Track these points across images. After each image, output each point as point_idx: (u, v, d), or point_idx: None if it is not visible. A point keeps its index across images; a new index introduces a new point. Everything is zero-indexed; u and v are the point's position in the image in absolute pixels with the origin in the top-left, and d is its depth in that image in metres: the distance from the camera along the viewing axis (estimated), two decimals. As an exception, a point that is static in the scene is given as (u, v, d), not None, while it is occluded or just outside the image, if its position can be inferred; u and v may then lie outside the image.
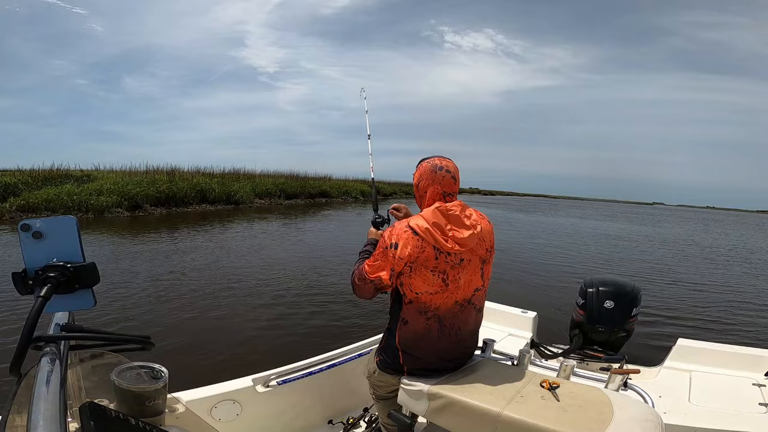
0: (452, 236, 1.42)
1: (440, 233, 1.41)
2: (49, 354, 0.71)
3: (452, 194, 1.51)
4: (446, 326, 1.50)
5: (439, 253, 1.41)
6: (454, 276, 1.44)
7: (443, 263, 1.42)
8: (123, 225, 12.56)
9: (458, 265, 1.44)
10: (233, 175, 22.98)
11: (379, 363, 1.61)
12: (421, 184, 1.53)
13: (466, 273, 1.47)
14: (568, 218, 28.71)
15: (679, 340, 2.65)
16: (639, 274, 8.91)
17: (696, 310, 6.47)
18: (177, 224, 13.00)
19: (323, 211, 20.46)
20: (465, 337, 1.57)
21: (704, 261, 12.07)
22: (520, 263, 9.28)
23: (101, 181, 15.71)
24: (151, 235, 10.81)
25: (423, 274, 1.42)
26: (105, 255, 8.02)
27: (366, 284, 1.51)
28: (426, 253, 1.40)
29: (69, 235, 0.76)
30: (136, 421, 0.78)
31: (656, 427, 1.17)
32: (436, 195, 1.50)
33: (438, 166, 1.51)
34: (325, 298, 5.85)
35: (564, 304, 5.19)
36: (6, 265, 6.61)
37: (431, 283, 1.43)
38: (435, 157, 1.55)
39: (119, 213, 14.39)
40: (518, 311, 3.05)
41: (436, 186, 1.49)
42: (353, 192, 30.09)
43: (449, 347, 1.53)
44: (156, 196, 16.01)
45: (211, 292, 5.84)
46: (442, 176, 1.50)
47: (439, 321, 1.49)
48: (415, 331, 1.49)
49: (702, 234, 23.21)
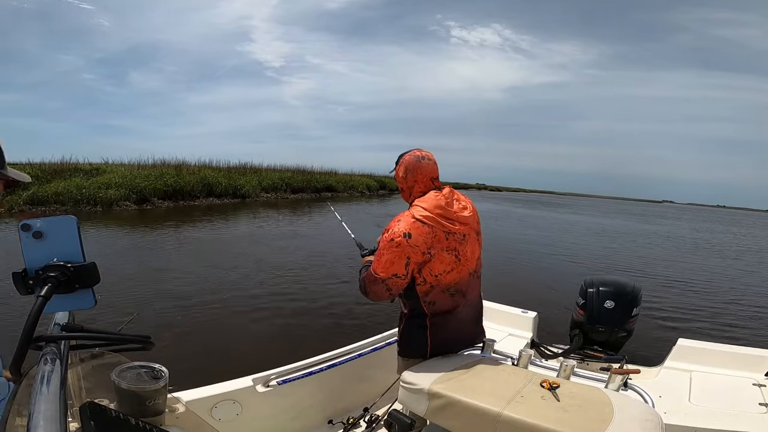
0: (456, 218, 1.58)
1: (444, 217, 1.55)
2: (49, 354, 0.71)
3: (437, 179, 1.66)
4: (466, 297, 1.67)
5: (448, 234, 1.56)
6: (462, 251, 1.61)
7: (453, 242, 1.57)
8: (131, 218, 12.66)
9: (463, 241, 1.61)
10: (240, 169, 23.00)
11: (401, 351, 1.74)
12: (408, 176, 1.65)
13: (469, 246, 1.64)
14: (575, 216, 28.71)
15: (679, 340, 2.65)
16: (639, 273, 8.92)
17: (696, 310, 6.47)
18: (184, 218, 13.09)
19: (329, 206, 20.45)
20: (478, 305, 1.79)
21: (704, 261, 12.07)
22: (520, 263, 9.28)
23: (110, 175, 15.84)
24: (158, 228, 10.91)
25: (440, 256, 1.55)
26: (111, 249, 8.09)
27: (377, 284, 1.57)
28: (438, 236, 1.54)
29: (69, 235, 0.76)
30: (136, 421, 0.78)
31: (656, 427, 1.17)
32: (426, 182, 1.64)
33: (420, 156, 1.65)
34: (326, 298, 5.85)
35: (564, 304, 5.19)
36: (16, 260, 6.63)
37: (447, 261, 1.57)
38: (414, 149, 1.69)
39: (127, 206, 14.50)
40: (518, 311, 3.05)
41: (424, 173, 1.63)
42: (359, 186, 30.14)
43: (472, 317, 1.75)
44: (164, 190, 16.13)
45: (212, 291, 5.84)
46: (426, 164, 1.64)
47: (463, 296, 1.65)
48: (443, 308, 1.62)
49: (718, 234, 23.00)
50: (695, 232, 23.98)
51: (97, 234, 9.67)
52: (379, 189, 33.10)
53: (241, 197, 19.38)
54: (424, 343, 1.65)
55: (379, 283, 1.55)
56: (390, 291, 1.57)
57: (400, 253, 1.50)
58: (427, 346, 1.65)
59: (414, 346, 1.68)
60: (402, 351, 1.73)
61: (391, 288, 1.56)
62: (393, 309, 1.92)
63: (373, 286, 1.57)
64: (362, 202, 23.80)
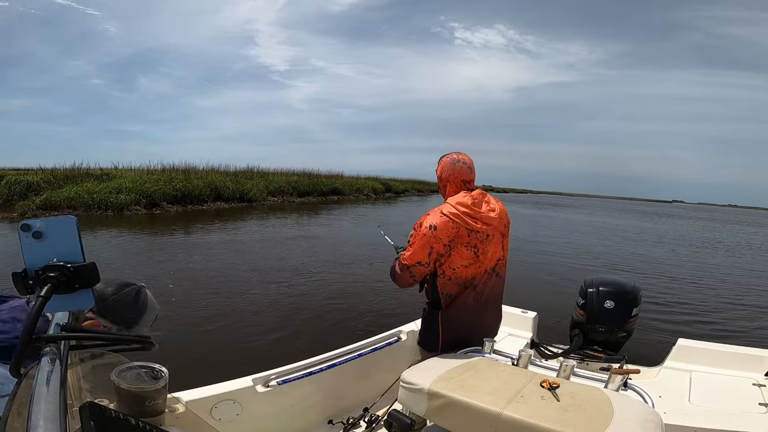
0: (480, 217, 1.71)
1: (469, 216, 1.69)
2: (49, 354, 0.71)
3: (471, 181, 1.81)
4: (482, 293, 1.78)
5: (470, 231, 1.70)
6: (483, 249, 1.74)
7: (474, 239, 1.71)
8: (141, 222, 12.74)
9: (486, 240, 1.74)
10: (247, 173, 23.14)
11: (420, 341, 1.92)
12: (443, 175, 1.82)
13: (491, 245, 1.77)
14: (580, 216, 28.68)
15: (679, 340, 2.65)
16: (639, 273, 8.92)
17: (696, 310, 6.47)
18: (192, 222, 13.17)
19: (336, 209, 20.56)
20: (495, 303, 1.89)
21: (704, 260, 12.07)
22: (521, 263, 9.28)
23: (120, 180, 16.02)
24: (168, 232, 11.00)
25: (459, 250, 1.70)
26: (120, 251, 8.18)
27: (404, 272, 1.75)
28: (460, 232, 1.68)
29: (69, 235, 0.76)
30: (136, 421, 0.78)
31: (656, 427, 1.17)
32: (458, 183, 1.79)
33: (456, 159, 1.81)
34: (328, 298, 5.86)
35: (564, 304, 5.19)
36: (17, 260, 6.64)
37: (466, 257, 1.71)
38: (452, 152, 1.84)
39: (137, 211, 14.63)
40: (518, 311, 3.05)
41: (457, 175, 1.79)
42: (365, 189, 30.25)
43: (484, 314, 1.84)
44: (173, 194, 16.29)
45: (213, 291, 5.84)
46: (460, 167, 1.79)
47: (476, 290, 1.77)
48: (457, 301, 1.76)
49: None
50: (703, 231, 23.89)
51: (110, 238, 9.76)
52: (385, 192, 33.12)
53: (248, 201, 19.52)
54: (436, 335, 1.80)
55: (405, 269, 1.74)
56: (413, 277, 1.76)
57: (425, 243, 1.68)
58: (439, 340, 1.79)
59: (428, 338, 1.84)
60: (420, 341, 1.93)
61: (415, 275, 1.75)
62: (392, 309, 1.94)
63: (400, 273, 1.77)
64: (368, 206, 23.83)
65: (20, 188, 14.29)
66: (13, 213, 12.44)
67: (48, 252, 0.74)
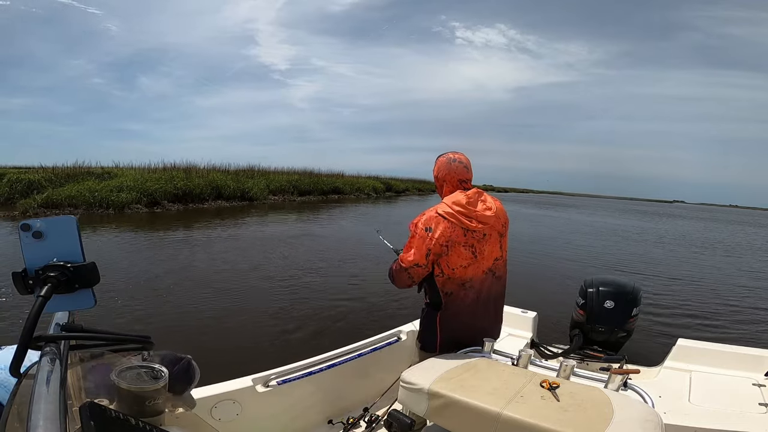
0: (475, 216, 1.70)
1: (464, 215, 1.68)
2: (49, 354, 0.71)
3: (467, 180, 1.80)
4: (480, 293, 1.77)
5: (466, 230, 1.69)
6: (480, 248, 1.73)
7: (471, 238, 1.70)
8: (142, 221, 12.75)
9: (483, 239, 1.73)
10: (248, 172, 23.13)
11: (420, 341, 1.91)
12: (440, 175, 1.81)
13: (488, 245, 1.76)
14: (580, 216, 28.67)
15: (679, 340, 2.65)
16: (639, 273, 8.91)
17: (696, 310, 6.46)
18: (193, 220, 13.17)
19: (336, 208, 20.59)
20: (494, 303, 1.87)
21: (705, 260, 12.06)
22: (521, 263, 9.27)
23: (121, 178, 16.02)
24: (169, 230, 11.00)
25: (457, 250, 1.69)
26: (119, 250, 8.17)
27: (402, 274, 1.75)
28: (456, 231, 1.68)
29: (69, 235, 0.76)
30: (136, 421, 0.78)
31: (656, 427, 1.17)
32: (454, 182, 1.78)
33: (452, 158, 1.80)
34: (328, 298, 5.86)
35: (564, 304, 5.19)
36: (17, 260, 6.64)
37: (464, 256, 1.70)
38: (449, 152, 1.83)
39: (138, 209, 14.65)
40: (518, 311, 3.05)
41: (453, 175, 1.78)
42: (366, 189, 30.26)
43: (484, 314, 1.83)
44: (173, 193, 16.30)
45: (213, 290, 5.85)
46: (456, 167, 1.79)
47: (474, 290, 1.76)
48: (456, 301, 1.75)
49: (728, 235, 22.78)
50: (703, 231, 23.87)
51: (111, 236, 9.77)
52: (385, 191, 33.10)
53: (248, 200, 19.52)
54: (434, 335, 1.79)
55: (403, 271, 1.73)
56: (412, 279, 1.75)
57: (422, 245, 1.68)
58: (437, 340, 1.79)
59: (426, 338, 1.84)
60: (419, 341, 1.93)
61: (413, 276, 1.74)
62: (392, 309, 1.94)
63: (398, 274, 1.76)
64: (369, 205, 23.83)
65: (21, 186, 14.34)
66: (15, 211, 12.47)
67: (48, 252, 0.74)
